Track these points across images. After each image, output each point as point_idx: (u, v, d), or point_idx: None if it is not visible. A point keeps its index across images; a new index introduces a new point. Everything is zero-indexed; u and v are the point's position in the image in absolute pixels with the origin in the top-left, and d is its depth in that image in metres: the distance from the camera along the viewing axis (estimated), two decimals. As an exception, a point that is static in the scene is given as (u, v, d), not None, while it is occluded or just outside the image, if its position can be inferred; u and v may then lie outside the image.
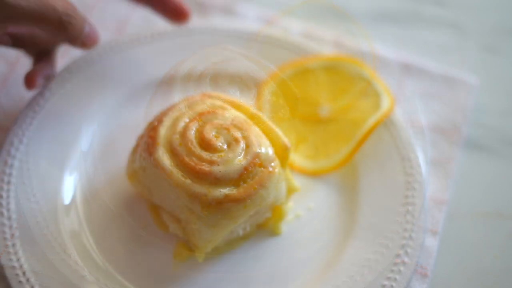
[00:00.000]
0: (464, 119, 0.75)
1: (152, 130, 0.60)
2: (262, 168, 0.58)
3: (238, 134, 0.59)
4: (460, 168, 0.72)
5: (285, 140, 0.61)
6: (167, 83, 0.70)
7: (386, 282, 0.60)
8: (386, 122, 0.70)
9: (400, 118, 0.70)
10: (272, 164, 0.58)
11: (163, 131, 0.59)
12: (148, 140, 0.59)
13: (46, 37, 0.63)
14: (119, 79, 0.72)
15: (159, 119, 0.60)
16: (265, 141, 0.60)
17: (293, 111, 0.72)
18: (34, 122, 0.67)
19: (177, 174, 0.56)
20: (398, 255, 0.61)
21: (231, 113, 0.61)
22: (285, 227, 0.65)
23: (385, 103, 0.70)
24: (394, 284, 0.60)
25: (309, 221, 0.66)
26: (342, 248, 0.63)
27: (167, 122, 0.60)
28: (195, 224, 0.57)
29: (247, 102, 0.64)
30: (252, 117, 0.62)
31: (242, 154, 0.58)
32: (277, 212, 0.64)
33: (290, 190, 0.64)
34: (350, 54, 0.78)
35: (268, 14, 0.84)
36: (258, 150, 0.58)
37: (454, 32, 0.86)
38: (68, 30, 0.59)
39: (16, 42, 0.64)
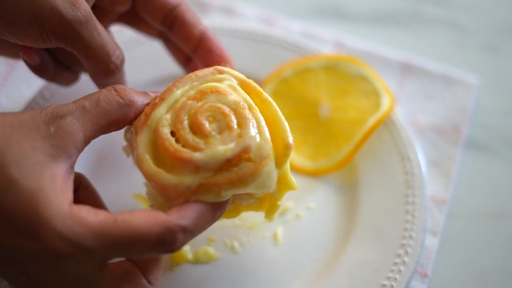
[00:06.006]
0: (464, 119, 0.75)
1: (151, 107, 0.54)
2: (249, 163, 0.52)
3: (233, 122, 0.53)
4: (460, 168, 0.72)
5: (289, 137, 0.55)
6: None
7: (386, 282, 0.60)
8: (386, 122, 0.70)
9: (400, 118, 0.70)
10: (263, 161, 0.52)
11: (161, 110, 0.54)
12: (141, 117, 0.54)
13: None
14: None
15: (161, 96, 0.55)
16: (265, 134, 0.53)
17: (293, 111, 0.73)
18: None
19: (148, 161, 0.52)
20: (398, 255, 0.61)
21: (237, 96, 0.55)
22: (285, 227, 0.65)
23: (385, 103, 0.70)
24: (394, 284, 0.60)
25: (309, 221, 0.66)
26: (342, 248, 0.63)
27: (169, 100, 0.55)
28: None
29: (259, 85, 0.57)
30: (262, 102, 0.55)
31: (232, 144, 0.52)
32: (266, 203, 0.58)
33: (285, 187, 0.57)
34: (350, 54, 0.78)
35: (268, 14, 0.84)
36: (250, 143, 0.52)
37: (455, 32, 0.86)
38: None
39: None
